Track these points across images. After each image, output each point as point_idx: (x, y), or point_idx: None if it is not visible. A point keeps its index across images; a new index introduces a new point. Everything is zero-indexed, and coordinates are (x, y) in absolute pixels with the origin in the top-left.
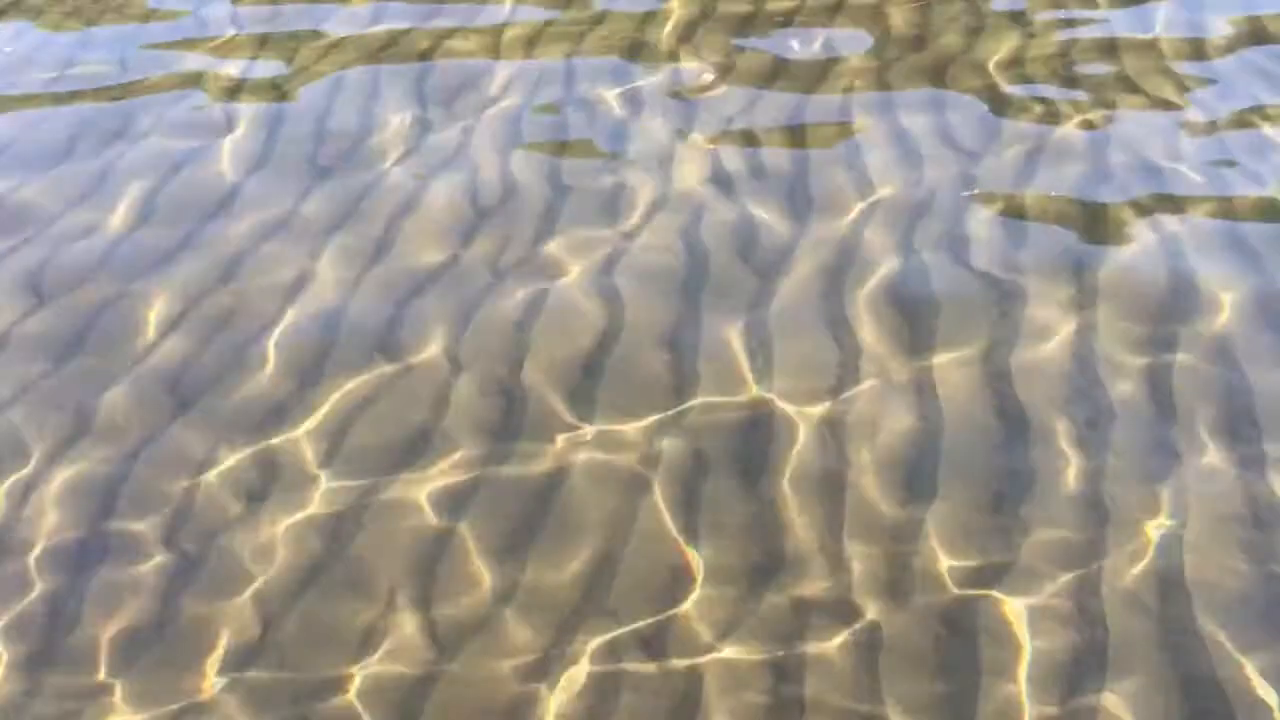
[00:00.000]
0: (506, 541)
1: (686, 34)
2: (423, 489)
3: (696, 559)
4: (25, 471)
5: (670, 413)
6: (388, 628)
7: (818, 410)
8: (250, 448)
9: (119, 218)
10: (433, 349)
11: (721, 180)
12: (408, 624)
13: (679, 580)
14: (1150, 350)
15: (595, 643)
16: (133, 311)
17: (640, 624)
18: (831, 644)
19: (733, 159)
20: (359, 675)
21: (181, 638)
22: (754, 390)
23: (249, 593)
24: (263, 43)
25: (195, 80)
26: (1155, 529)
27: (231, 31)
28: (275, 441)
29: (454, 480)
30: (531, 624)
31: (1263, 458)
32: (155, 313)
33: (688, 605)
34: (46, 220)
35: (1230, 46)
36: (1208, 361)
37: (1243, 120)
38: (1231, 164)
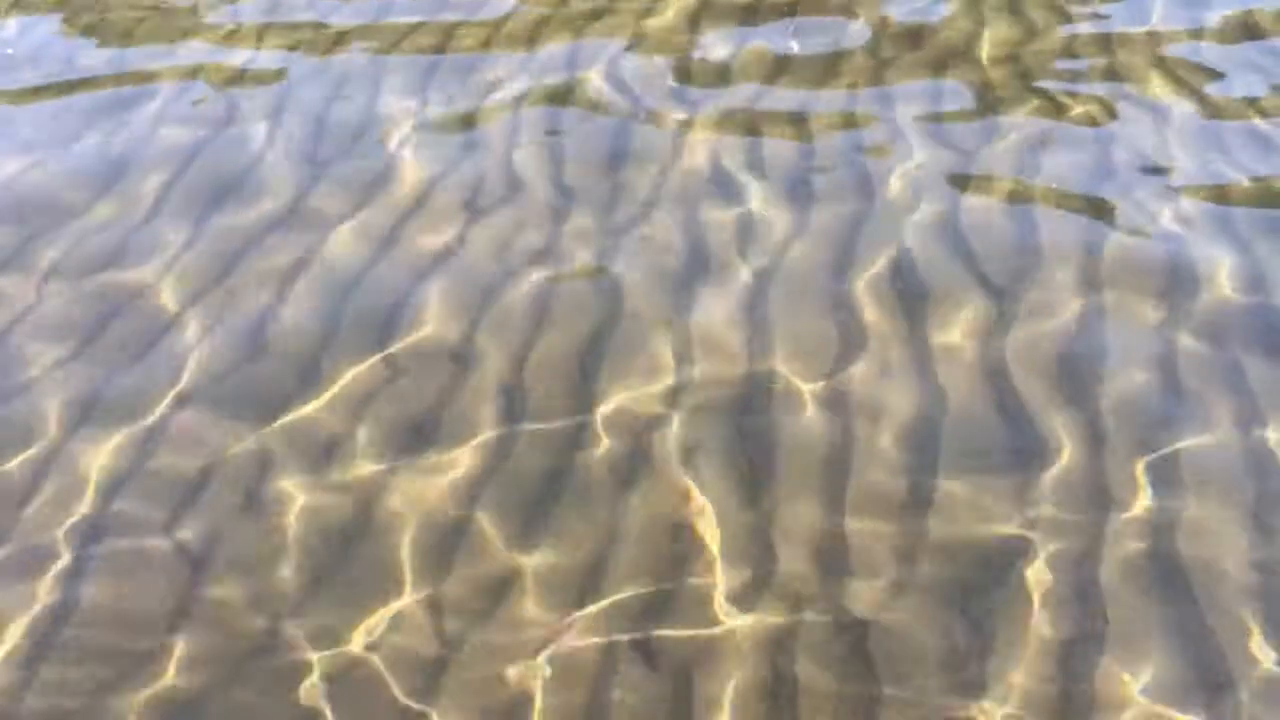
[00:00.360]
0: (521, 521)
1: (689, 25)
2: (436, 470)
3: (705, 536)
4: (45, 452)
5: (677, 393)
6: (404, 603)
7: (821, 388)
8: (265, 430)
9: (131, 208)
10: (442, 334)
11: (722, 170)
12: (424, 599)
13: (689, 556)
14: (1151, 331)
15: (605, 617)
16: (150, 298)
17: (651, 598)
18: (836, 620)
19: (734, 149)
20: (379, 646)
21: (202, 617)
22: (760, 370)
23: (266, 569)
24: (265, 35)
25: (200, 72)
26: (1156, 506)
27: (234, 24)
28: (289, 423)
29: (467, 462)
30: (543, 599)
31: (1264, 437)
32: (171, 299)
33: (697, 581)
34: (61, 209)
35: (1226, 41)
36: (1208, 342)
37: (1238, 113)
38: (1226, 154)
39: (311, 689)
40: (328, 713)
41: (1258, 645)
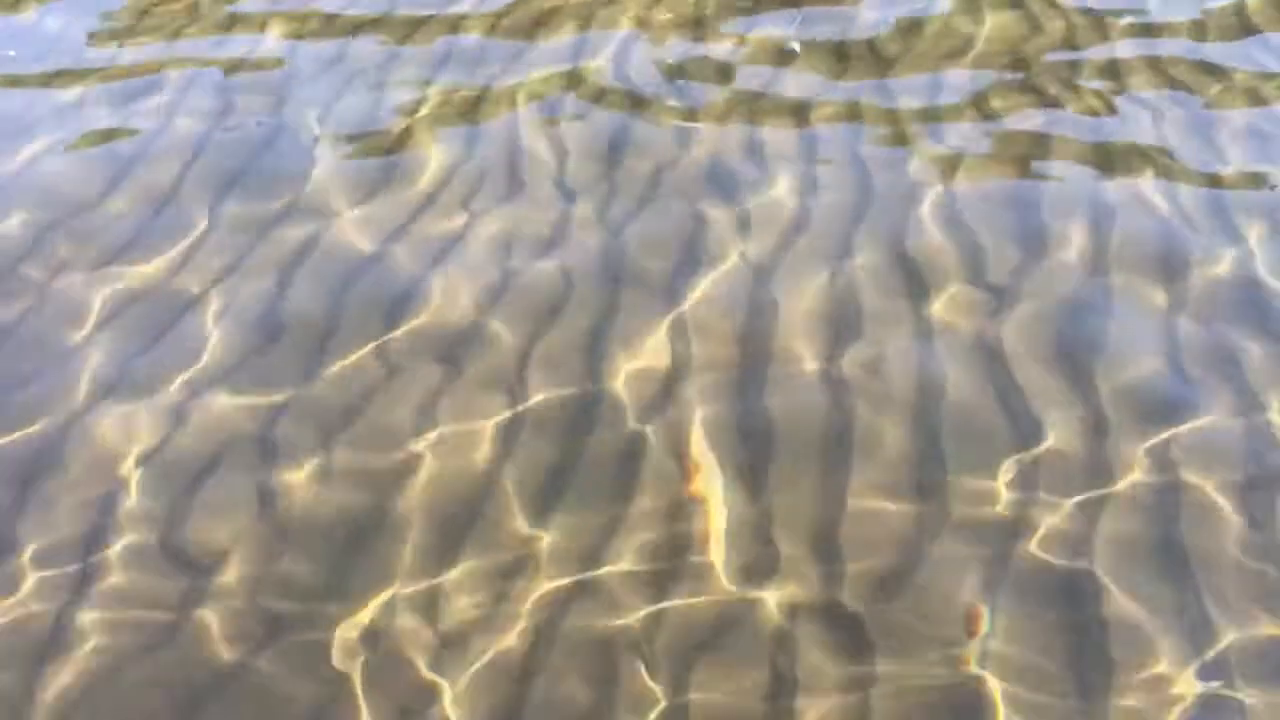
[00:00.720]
0: (534, 499)
1: (695, 15)
2: (451, 452)
3: (716, 508)
4: (69, 430)
5: (684, 375)
6: (421, 572)
7: (828, 366)
8: (284, 407)
9: (143, 197)
10: (452, 319)
11: (723, 158)
12: (438, 575)
13: (698, 527)
14: (1149, 309)
15: (614, 587)
16: (169, 283)
17: (660, 568)
18: (845, 592)
19: (736, 137)
20: (397, 620)
21: (223, 595)
22: (765, 351)
23: (285, 547)
24: (269, 23)
25: (213, 62)
26: (1154, 485)
27: (245, 13)
28: (306, 401)
29: (490, 432)
30: (557, 568)
31: (1264, 419)
32: (190, 283)
33: (707, 554)
34: (76, 201)
35: (1222, 37)
36: (1203, 320)
37: (1232, 104)
38: (1222, 144)
39: (332, 662)
40: (356, 681)
41: (1255, 618)
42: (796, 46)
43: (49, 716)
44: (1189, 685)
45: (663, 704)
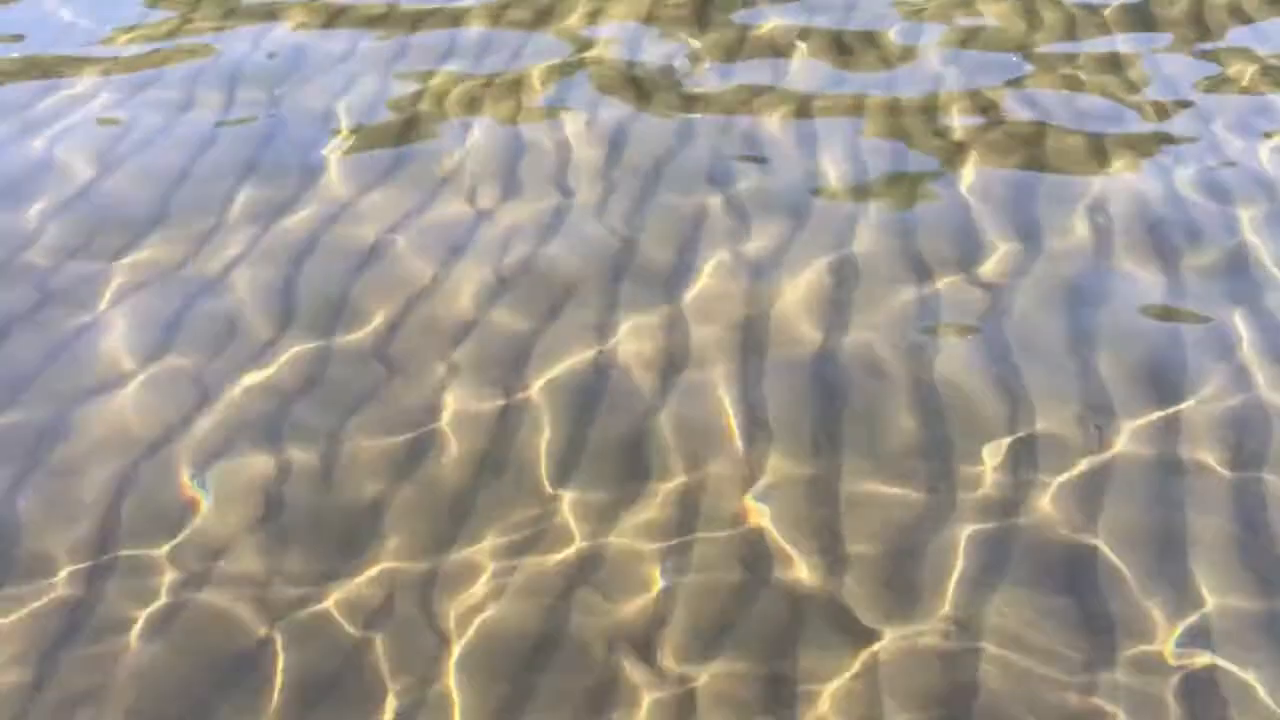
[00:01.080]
0: (547, 472)
1: (699, 5)
2: (465, 425)
3: (722, 491)
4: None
5: (686, 353)
6: (432, 549)
7: (829, 351)
8: (293, 382)
9: (154, 186)
10: (461, 298)
11: (727, 149)
12: (450, 550)
13: (705, 509)
14: (1146, 293)
15: (623, 566)
16: (181, 271)
17: (667, 548)
18: (849, 573)
19: (740, 127)
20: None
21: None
22: (771, 335)
23: (293, 519)
24: (279, 13)
25: (218, 51)
26: (1152, 463)
27: (246, 2)
28: (316, 377)
29: (497, 415)
30: (564, 548)
31: (1258, 396)
32: (202, 271)
33: (714, 534)
34: (87, 189)
35: (1217, 26)
36: (1201, 304)
37: (1230, 92)
38: (1215, 131)
39: (343, 636)
40: (368, 655)
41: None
42: (803, 46)
43: (56, 706)
44: (1183, 658)
45: (671, 684)
